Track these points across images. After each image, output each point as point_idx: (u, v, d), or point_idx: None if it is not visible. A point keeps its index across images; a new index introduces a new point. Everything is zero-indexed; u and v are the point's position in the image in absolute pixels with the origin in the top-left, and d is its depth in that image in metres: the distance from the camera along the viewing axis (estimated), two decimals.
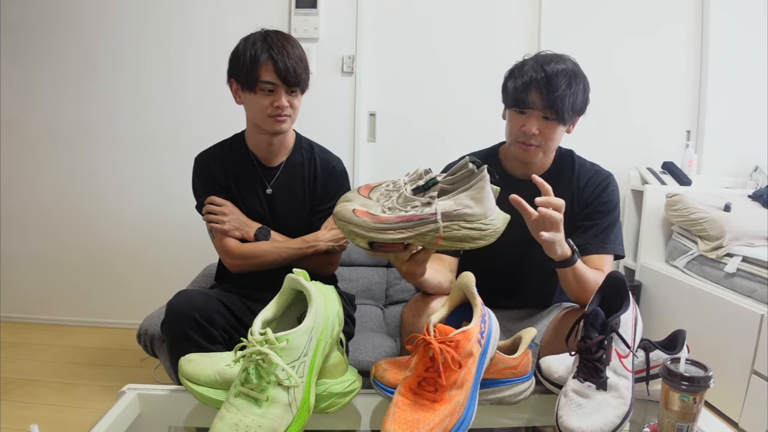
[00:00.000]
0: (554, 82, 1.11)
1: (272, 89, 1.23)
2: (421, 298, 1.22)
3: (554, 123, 1.15)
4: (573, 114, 1.16)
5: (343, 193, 1.26)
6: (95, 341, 2.35)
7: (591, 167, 1.29)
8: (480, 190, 0.80)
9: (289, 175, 1.36)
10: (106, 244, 2.49)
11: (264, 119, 1.27)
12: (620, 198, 1.29)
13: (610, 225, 1.23)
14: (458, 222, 0.79)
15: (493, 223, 0.82)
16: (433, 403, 0.71)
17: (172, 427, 0.95)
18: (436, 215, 0.78)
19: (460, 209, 0.79)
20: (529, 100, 1.13)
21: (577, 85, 1.14)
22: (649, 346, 0.89)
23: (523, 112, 1.16)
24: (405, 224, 0.77)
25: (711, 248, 1.96)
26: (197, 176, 1.38)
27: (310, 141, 1.42)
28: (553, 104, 1.11)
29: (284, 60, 1.21)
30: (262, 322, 0.77)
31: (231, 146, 1.38)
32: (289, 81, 1.23)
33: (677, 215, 2.13)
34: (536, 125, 1.14)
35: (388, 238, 0.77)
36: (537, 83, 1.12)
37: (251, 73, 1.22)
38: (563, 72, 1.13)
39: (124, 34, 2.37)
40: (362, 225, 0.77)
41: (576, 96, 1.14)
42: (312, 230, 1.35)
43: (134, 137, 2.42)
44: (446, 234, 0.78)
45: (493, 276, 1.28)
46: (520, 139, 1.17)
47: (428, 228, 0.78)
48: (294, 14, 2.31)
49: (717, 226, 1.96)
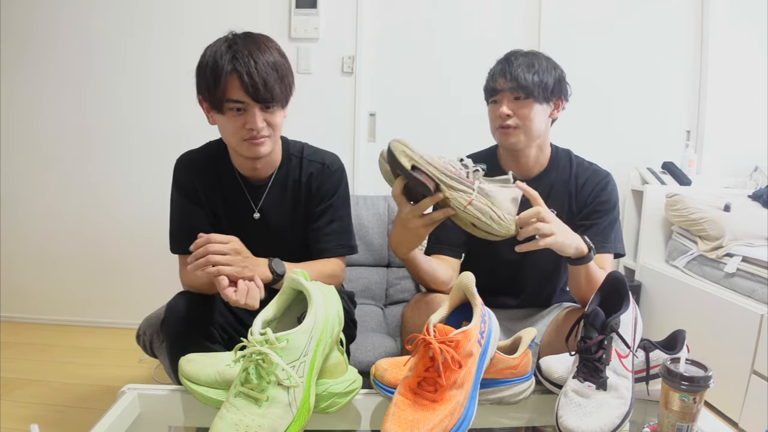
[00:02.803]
0: (514, 63, 1.18)
1: (242, 107, 1.04)
2: (423, 298, 1.22)
3: (528, 102, 1.17)
4: (545, 92, 1.17)
5: (342, 189, 1.27)
6: (95, 341, 2.35)
7: (589, 166, 1.29)
8: (512, 193, 0.95)
9: (279, 191, 1.21)
10: (106, 244, 2.49)
11: (238, 143, 1.08)
12: (619, 197, 1.30)
13: (610, 224, 1.24)
14: (487, 200, 0.92)
15: (509, 221, 0.93)
16: (433, 403, 0.71)
17: (172, 427, 0.95)
18: (474, 184, 0.92)
19: (494, 195, 0.92)
20: (497, 87, 1.19)
21: (540, 63, 1.18)
22: (649, 346, 0.89)
23: (495, 100, 1.21)
24: (449, 174, 0.91)
25: (711, 248, 1.96)
26: (175, 183, 1.21)
27: (302, 144, 1.26)
28: (517, 80, 1.15)
29: (251, 72, 1.00)
30: (262, 322, 0.77)
31: (216, 153, 1.21)
32: (260, 97, 1.02)
33: (677, 215, 2.13)
34: (508, 105, 1.18)
35: (430, 169, 0.90)
36: (501, 70, 1.19)
37: (215, 91, 1.02)
38: (524, 54, 1.20)
39: (124, 34, 2.37)
40: (416, 150, 0.90)
41: (543, 73, 1.17)
42: (311, 239, 1.23)
43: (134, 137, 2.42)
44: (475, 202, 0.91)
45: (493, 276, 1.28)
46: (497, 124, 1.21)
47: (465, 188, 0.91)
48: (294, 14, 2.31)
49: (717, 226, 1.96)
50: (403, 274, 2.05)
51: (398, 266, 2.07)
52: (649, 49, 2.37)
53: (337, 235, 1.23)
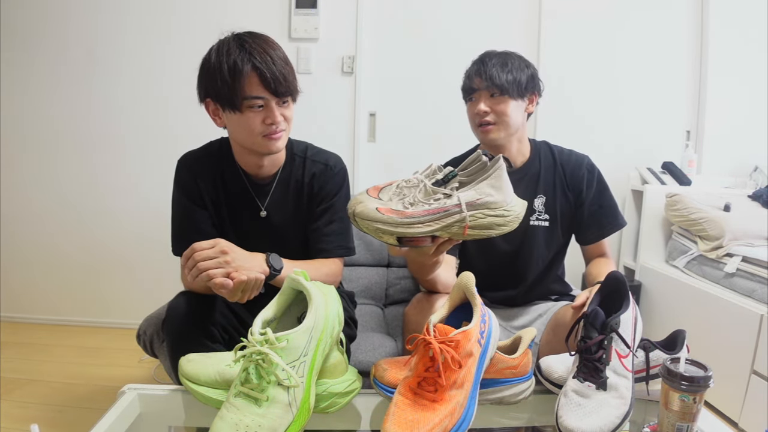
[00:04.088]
0: (488, 62, 1.24)
1: (262, 104, 1.06)
2: (425, 298, 1.22)
3: (504, 99, 1.23)
4: (520, 88, 1.23)
5: (343, 191, 1.27)
6: (95, 341, 2.35)
7: (569, 153, 1.37)
8: (498, 178, 0.84)
9: (282, 190, 1.22)
10: (106, 244, 2.49)
11: (255, 140, 1.09)
12: (619, 197, 1.35)
13: (611, 198, 1.35)
14: (482, 210, 0.82)
15: (514, 209, 0.85)
16: (433, 403, 0.71)
17: (172, 427, 0.95)
18: (461, 205, 0.80)
19: (483, 198, 0.82)
20: (473, 86, 1.26)
21: (513, 62, 1.24)
22: (649, 346, 0.89)
23: (471, 98, 1.28)
24: (432, 216, 0.80)
25: (711, 248, 1.96)
26: (177, 183, 1.21)
27: (305, 144, 1.28)
28: (491, 79, 1.22)
29: (270, 67, 1.03)
30: (263, 322, 0.77)
31: (219, 152, 1.22)
32: (280, 92, 1.05)
33: (677, 215, 2.13)
34: (484, 103, 1.24)
35: (416, 232, 0.79)
36: (476, 70, 1.26)
37: (234, 90, 1.03)
38: (498, 54, 1.27)
39: (125, 34, 2.37)
40: (389, 221, 0.78)
41: (516, 70, 1.23)
42: (311, 238, 1.23)
43: (134, 137, 2.42)
44: (472, 223, 0.81)
45: (492, 269, 1.31)
46: (477, 122, 1.27)
47: (455, 218, 0.80)
48: (294, 14, 2.31)
49: (717, 226, 1.96)
50: (403, 274, 2.05)
51: (398, 266, 2.07)
52: (649, 49, 2.36)
53: (337, 236, 1.24)
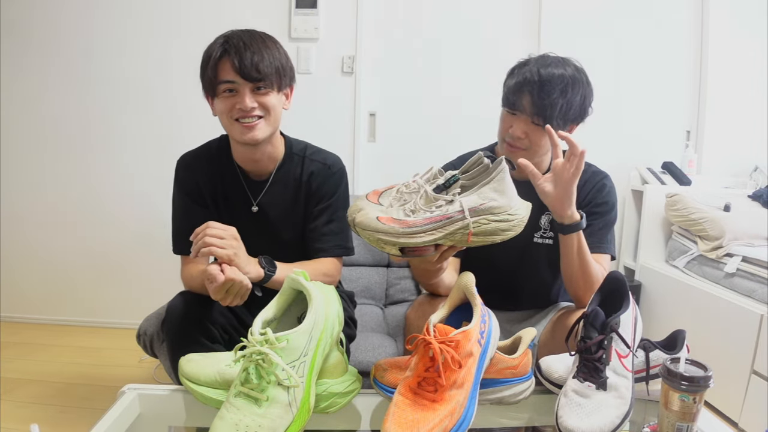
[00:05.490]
0: (546, 88, 1.07)
1: (233, 88, 1.08)
2: (427, 300, 1.22)
3: (543, 129, 1.10)
4: (565, 122, 1.12)
5: (342, 191, 1.27)
6: (95, 341, 2.35)
7: (588, 168, 1.27)
8: (501, 182, 0.80)
9: (279, 188, 1.23)
10: (106, 244, 2.49)
11: (230, 125, 1.12)
12: (617, 198, 1.29)
13: (606, 225, 1.23)
14: (485, 216, 0.79)
15: (518, 213, 0.82)
16: (433, 403, 0.71)
17: (172, 427, 0.95)
18: (464, 212, 0.77)
19: (486, 203, 0.79)
20: (519, 103, 1.11)
21: (573, 94, 1.10)
22: (649, 346, 0.89)
23: (513, 113, 1.14)
24: (434, 225, 0.77)
25: (711, 248, 1.96)
26: (177, 182, 1.23)
27: (304, 143, 1.28)
28: (542, 110, 1.08)
29: (241, 53, 1.06)
30: (263, 322, 0.77)
31: (218, 151, 1.24)
32: (250, 76, 1.07)
33: (677, 215, 2.13)
34: (523, 129, 1.12)
35: (419, 242, 0.76)
36: (530, 86, 1.09)
37: (209, 75, 1.09)
38: (560, 78, 1.09)
39: (125, 34, 2.37)
40: (391, 232, 0.75)
41: (570, 104, 1.10)
42: (309, 238, 1.24)
43: (134, 137, 2.42)
44: (476, 229, 0.78)
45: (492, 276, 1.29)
46: (507, 139, 1.15)
47: (457, 226, 0.77)
48: (294, 14, 2.31)
49: (717, 226, 1.96)
50: (403, 274, 2.05)
51: (398, 266, 2.07)
52: (649, 49, 2.37)
53: (335, 236, 1.24)
